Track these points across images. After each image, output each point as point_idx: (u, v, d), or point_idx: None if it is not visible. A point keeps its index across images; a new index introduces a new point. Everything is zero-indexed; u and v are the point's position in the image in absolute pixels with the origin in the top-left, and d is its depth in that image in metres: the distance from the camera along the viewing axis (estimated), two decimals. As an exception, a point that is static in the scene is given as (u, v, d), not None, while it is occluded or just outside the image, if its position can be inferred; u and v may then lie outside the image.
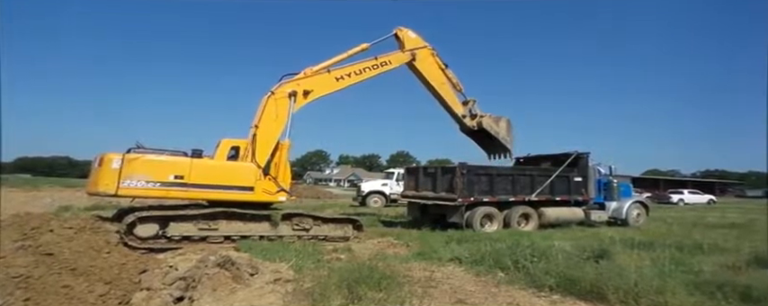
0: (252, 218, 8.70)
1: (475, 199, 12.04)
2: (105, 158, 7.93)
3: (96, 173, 7.99)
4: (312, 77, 10.00)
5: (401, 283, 5.39)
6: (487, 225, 12.12)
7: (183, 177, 8.21)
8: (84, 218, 7.96)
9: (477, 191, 12.20)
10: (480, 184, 12.33)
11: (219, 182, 8.56)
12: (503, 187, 12.62)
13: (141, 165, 7.99)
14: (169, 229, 8.13)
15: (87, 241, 6.25)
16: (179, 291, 5.08)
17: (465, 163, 12.21)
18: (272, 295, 4.88)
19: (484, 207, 12.14)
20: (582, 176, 14.02)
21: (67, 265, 5.26)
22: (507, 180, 12.80)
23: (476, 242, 8.81)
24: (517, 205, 12.65)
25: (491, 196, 12.35)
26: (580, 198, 13.93)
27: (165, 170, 8.17)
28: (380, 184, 24.72)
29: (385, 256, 7.72)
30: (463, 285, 5.77)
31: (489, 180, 12.50)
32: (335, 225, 9.74)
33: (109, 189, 7.80)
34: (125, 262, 5.90)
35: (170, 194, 8.28)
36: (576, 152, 14.08)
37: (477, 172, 12.38)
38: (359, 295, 4.73)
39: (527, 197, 12.79)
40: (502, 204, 12.48)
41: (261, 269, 5.75)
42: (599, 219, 14.11)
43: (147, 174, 7.99)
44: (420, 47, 11.66)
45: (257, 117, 9.42)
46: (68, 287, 4.71)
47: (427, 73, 11.81)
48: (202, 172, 8.42)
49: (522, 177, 13.02)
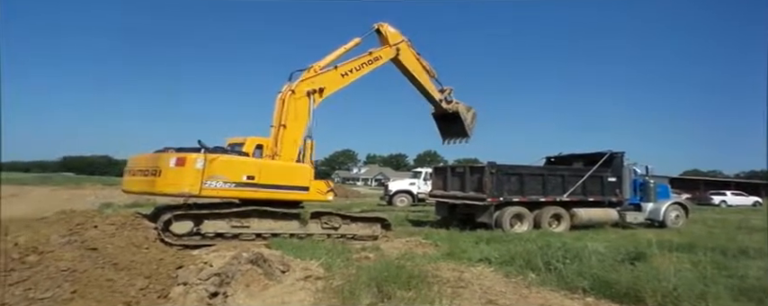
0: (282, 216, 8.86)
1: (504, 199, 11.89)
2: (188, 158, 7.80)
3: (175, 172, 7.76)
4: (323, 75, 10.09)
5: (430, 282, 5.38)
6: (517, 225, 11.93)
7: (254, 178, 8.39)
8: (124, 215, 8.31)
9: (507, 190, 12.03)
10: (510, 183, 12.16)
11: (283, 182, 8.80)
12: (533, 187, 12.40)
13: (220, 165, 8.04)
14: (203, 226, 8.38)
15: (128, 237, 6.53)
16: (214, 286, 5.23)
17: (494, 162, 12.07)
18: (302, 292, 4.97)
19: (513, 207, 11.96)
20: (616, 176, 13.61)
21: (110, 259, 5.50)
22: (538, 180, 12.56)
23: (505, 242, 8.70)
24: (548, 205, 12.40)
25: (521, 196, 12.16)
26: (614, 199, 13.53)
27: (240, 170, 8.29)
28: (408, 184, 24.72)
29: (413, 255, 7.71)
30: (493, 286, 5.70)
31: (519, 180, 12.31)
32: (364, 224, 9.80)
33: (193, 189, 7.74)
34: (163, 257, 6.11)
35: (243, 195, 8.40)
36: (610, 151, 13.68)
37: (507, 171, 12.21)
38: (388, 294, 4.76)
39: (558, 197, 12.52)
40: (532, 204, 12.27)
41: (291, 266, 5.87)
42: (634, 220, 13.67)
43: (224, 174, 8.07)
44: (400, 41, 11.75)
45: (280, 116, 9.51)
46: (111, 281, 4.93)
47: (409, 64, 12.03)
48: (270, 172, 8.66)
49: (553, 177, 12.75)
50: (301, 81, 9.79)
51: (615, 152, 13.73)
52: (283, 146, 9.29)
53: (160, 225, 7.93)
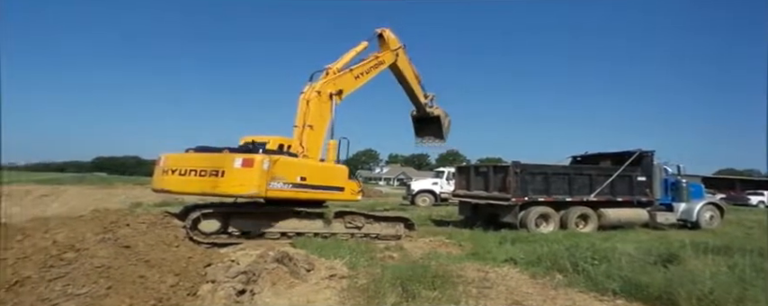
0: (306, 215, 8.95)
1: (529, 198, 11.71)
2: (256, 159, 7.80)
3: (242, 173, 7.73)
4: (341, 77, 10.19)
5: (455, 282, 5.35)
6: (543, 225, 11.73)
7: (305, 179, 8.53)
8: (154, 214, 8.55)
9: (532, 190, 11.85)
10: (535, 183, 11.97)
11: (326, 182, 8.98)
12: (559, 187, 12.17)
13: (281, 166, 8.10)
14: (230, 225, 8.55)
15: (158, 235, 6.71)
16: (241, 284, 5.32)
17: (518, 161, 11.90)
18: (327, 291, 5.01)
19: (539, 207, 11.77)
20: (646, 176, 13.22)
21: (142, 257, 5.66)
22: (564, 179, 12.32)
23: (531, 243, 8.57)
24: (575, 205, 12.15)
25: (546, 196, 11.96)
26: (644, 199, 13.14)
27: (296, 171, 8.42)
28: (430, 183, 24.61)
29: (437, 255, 7.68)
30: (519, 287, 5.62)
31: (544, 179, 12.10)
32: (387, 223, 9.81)
33: (260, 191, 7.78)
34: (192, 255, 6.26)
35: (297, 195, 8.48)
36: (640, 150, 13.30)
37: (532, 171, 12.02)
38: (413, 293, 4.75)
39: (585, 197, 12.25)
40: (558, 204, 12.04)
41: (316, 265, 5.93)
42: (666, 221, 13.24)
43: (284, 175, 8.17)
44: (399, 46, 11.82)
45: (305, 116, 9.59)
46: (143, 277, 5.07)
47: (404, 69, 12.15)
48: (318, 173, 8.86)
49: (579, 177, 12.48)
50: (324, 82, 9.87)
51: (645, 151, 13.34)
52: (311, 146, 9.38)
53: (189, 224, 8.13)
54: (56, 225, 6.75)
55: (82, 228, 6.47)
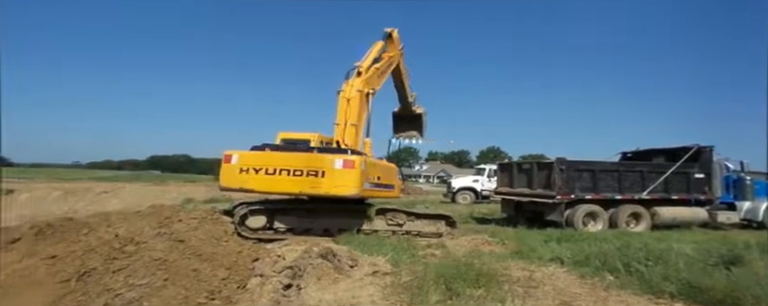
0: (349, 212, 9.06)
1: (576, 196, 11.33)
2: (356, 161, 8.03)
3: (343, 174, 7.95)
4: (372, 75, 10.24)
5: (500, 281, 5.25)
6: (591, 224, 11.32)
7: (380, 178, 8.87)
8: (204, 210, 8.93)
9: (579, 188, 11.45)
10: (582, 180, 11.56)
11: (386, 181, 9.31)
12: (608, 184, 11.69)
13: (369, 167, 8.50)
14: (275, 221, 8.80)
15: (209, 231, 7.01)
16: (287, 279, 5.47)
17: (564, 158, 11.53)
18: (371, 287, 5.05)
19: (586, 205, 11.36)
20: (704, 173, 12.43)
21: (195, 251, 5.93)
22: (613, 176, 11.82)
23: (578, 242, 8.28)
24: (625, 204, 11.63)
25: (594, 193, 11.52)
26: (702, 197, 12.38)
27: (376, 171, 8.82)
28: (471, 181, 24.29)
29: (480, 253, 7.56)
30: (567, 287, 5.44)
31: (592, 176, 11.66)
32: (429, 221, 9.77)
33: (359, 191, 8.06)
34: (240, 250, 6.50)
35: (374, 194, 8.84)
36: (697, 145, 12.52)
37: (578, 167, 11.62)
38: (457, 292, 4.71)
39: (637, 195, 11.70)
40: (607, 202, 11.57)
41: (359, 262, 5.99)
42: (728, 220, 12.42)
43: (371, 175, 8.56)
44: (402, 46, 11.74)
45: (346, 114, 9.68)
46: (197, 271, 5.32)
47: (402, 68, 12.07)
48: (384, 172, 9.24)
49: (630, 173, 11.93)
50: (362, 81, 9.95)
51: (703, 146, 12.55)
52: (354, 144, 9.49)
53: (237, 219, 8.44)
54: (116, 220, 7.22)
55: (140, 222, 6.88)
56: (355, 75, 10.04)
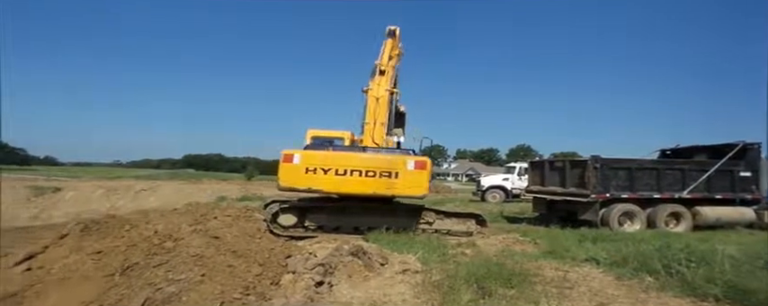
0: (378, 210, 9.10)
1: (611, 195, 10.99)
2: (427, 162, 8.48)
3: (415, 175, 8.28)
4: (392, 74, 10.27)
5: (533, 281, 5.16)
6: (627, 224, 10.96)
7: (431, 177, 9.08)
8: (238, 207, 9.17)
9: (614, 186, 11.10)
10: (617, 178, 11.20)
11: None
12: (646, 182, 11.28)
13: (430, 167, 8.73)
14: (306, 219, 8.93)
15: (243, 228, 7.19)
16: (319, 275, 5.55)
17: (598, 156, 11.19)
18: (402, 285, 5.06)
19: (622, 204, 11.00)
20: (751, 171, 11.80)
21: (230, 247, 6.10)
22: (651, 174, 11.40)
23: (614, 242, 8.03)
24: (664, 203, 11.19)
25: (631, 192, 11.14)
26: (749, 196, 11.75)
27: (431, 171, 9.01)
28: (501, 179, 23.93)
29: (512, 252, 7.45)
30: (603, 288, 5.29)
31: (628, 174, 11.28)
32: (458, 219, 9.69)
33: (427, 191, 8.59)
34: (273, 247, 6.64)
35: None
36: (743, 142, 11.89)
37: (613, 165, 11.26)
38: (489, 291, 4.66)
39: (677, 194, 11.23)
40: (645, 201, 11.16)
41: (390, 260, 6.01)
42: (776, 221, 11.74)
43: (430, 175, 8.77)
44: (401, 45, 11.57)
45: (377, 113, 9.69)
46: (232, 266, 5.47)
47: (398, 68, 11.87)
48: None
49: (670, 172, 11.46)
50: (387, 80, 9.98)
51: (750, 143, 11.90)
52: (383, 143, 9.53)
53: (269, 217, 8.61)
54: (155, 217, 7.50)
55: (177, 219, 7.12)
56: (379, 74, 10.04)
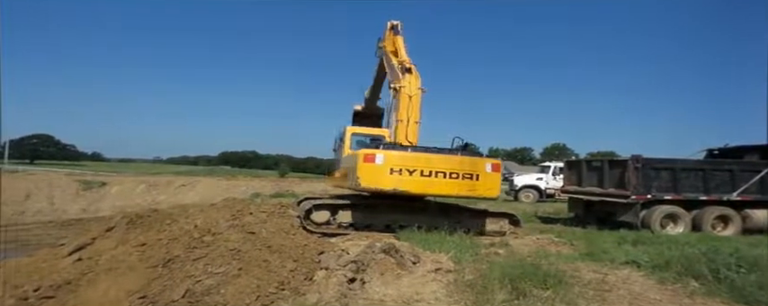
0: (410, 209, 9.09)
1: (653, 196, 10.56)
2: (501, 165, 8.77)
3: (492, 178, 8.55)
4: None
5: (569, 283, 5.02)
6: (670, 226, 10.53)
7: None
8: (272, 204, 9.37)
9: (656, 187, 10.66)
10: (660, 179, 10.75)
11: None
12: (691, 183, 10.78)
13: None
14: (338, 216, 9.03)
15: (277, 224, 7.33)
16: (351, 272, 5.60)
17: (639, 155, 10.77)
18: (434, 284, 5.04)
19: (665, 206, 10.56)
20: (808, 172, 11.05)
21: (265, 242, 6.24)
22: (696, 175, 10.88)
23: (656, 245, 7.71)
24: (711, 205, 10.67)
25: (674, 194, 10.67)
26: (805, 199, 11.01)
27: None
28: (535, 178, 23.48)
29: (547, 253, 7.28)
30: (644, 292, 5.09)
31: (672, 175, 10.81)
32: (491, 219, 9.56)
33: (499, 193, 8.93)
34: (307, 243, 6.74)
35: None
36: (800, 141, 11.17)
37: (655, 165, 10.81)
38: (523, 292, 4.57)
39: (726, 196, 10.68)
40: (690, 203, 10.67)
41: (422, 258, 5.99)
42: (837, 226, 10.96)
43: None
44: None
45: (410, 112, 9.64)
46: (267, 262, 5.60)
47: None
48: None
49: (718, 172, 10.90)
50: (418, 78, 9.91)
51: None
52: (416, 142, 9.50)
53: (302, 214, 8.75)
54: (194, 212, 7.77)
55: (215, 214, 7.34)
56: (407, 71, 9.97)
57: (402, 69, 9.97)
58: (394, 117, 9.82)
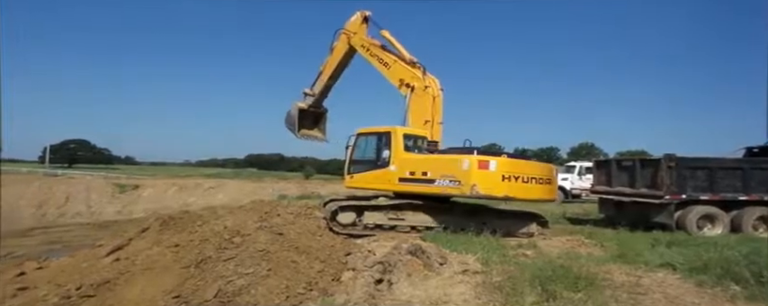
0: (435, 210, 9.06)
1: (688, 196, 10.19)
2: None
3: (555, 182, 9.49)
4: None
5: (601, 285, 4.90)
6: (707, 227, 10.14)
7: None
8: (298, 205, 9.50)
9: (691, 187, 10.28)
10: (695, 178, 10.37)
11: None
12: (729, 183, 10.35)
13: None
14: (364, 217, 9.07)
15: (304, 225, 7.45)
16: (378, 273, 5.63)
17: (672, 154, 10.42)
18: (462, 285, 5.01)
19: (701, 206, 10.18)
20: None
21: (293, 243, 6.36)
22: (735, 175, 10.45)
23: (693, 247, 7.43)
24: (752, 205, 10.22)
25: (711, 194, 10.27)
26: None
27: None
28: (560, 179, 22.99)
29: (577, 255, 7.12)
30: (681, 296, 4.91)
31: (708, 174, 10.40)
32: (518, 220, 9.43)
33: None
34: (334, 244, 6.83)
35: None
36: None
37: (691, 165, 10.43)
38: (553, 294, 4.48)
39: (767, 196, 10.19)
40: (728, 204, 10.25)
41: (449, 259, 5.97)
42: None
43: None
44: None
45: (434, 112, 9.63)
46: (295, 262, 5.70)
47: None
48: None
49: (758, 171, 10.44)
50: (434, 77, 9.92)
51: None
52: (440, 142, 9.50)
53: (328, 215, 8.84)
54: (224, 213, 7.97)
55: (243, 216, 7.52)
56: (425, 71, 9.91)
57: (418, 68, 9.93)
58: (416, 117, 9.74)
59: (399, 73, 10.07)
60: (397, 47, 10.51)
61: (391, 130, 9.43)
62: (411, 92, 9.74)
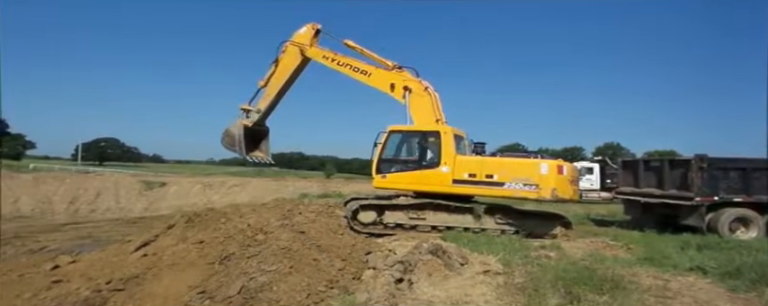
0: (456, 210, 9.00)
1: (720, 198, 9.84)
2: None
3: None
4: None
5: (627, 289, 4.78)
6: (740, 230, 9.77)
7: None
8: (320, 204, 9.58)
9: (724, 188, 9.92)
10: (728, 180, 10.00)
11: None
12: (764, 184, 9.92)
13: None
14: (385, 216, 9.09)
15: (325, 223, 7.50)
16: (399, 273, 5.63)
17: (704, 155, 10.07)
18: (483, 286, 4.97)
19: (734, 208, 9.82)
20: None
21: (314, 241, 6.42)
22: (770, 176, 10.00)
23: (725, 250, 7.20)
24: (788, 208, 9.77)
25: (745, 195, 9.88)
26: None
27: None
28: (583, 179, 22.77)
29: (602, 257, 6.96)
30: (712, 300, 4.75)
31: (741, 176, 10.02)
32: (541, 220, 9.29)
33: None
34: (354, 243, 6.87)
35: None
36: None
37: (723, 165, 10.07)
38: (577, 296, 4.41)
39: (806, 199, 9.76)
40: (763, 206, 9.83)
41: (470, 260, 5.93)
42: None
43: None
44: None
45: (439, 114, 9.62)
46: (317, 260, 5.75)
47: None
48: None
49: (796, 172, 9.98)
50: None
51: None
52: None
53: (349, 214, 8.88)
54: (247, 211, 8.09)
55: (266, 214, 7.62)
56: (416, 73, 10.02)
57: (404, 70, 9.92)
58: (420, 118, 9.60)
59: (386, 78, 9.81)
60: (369, 53, 10.21)
61: (440, 129, 9.17)
62: (409, 94, 9.60)
